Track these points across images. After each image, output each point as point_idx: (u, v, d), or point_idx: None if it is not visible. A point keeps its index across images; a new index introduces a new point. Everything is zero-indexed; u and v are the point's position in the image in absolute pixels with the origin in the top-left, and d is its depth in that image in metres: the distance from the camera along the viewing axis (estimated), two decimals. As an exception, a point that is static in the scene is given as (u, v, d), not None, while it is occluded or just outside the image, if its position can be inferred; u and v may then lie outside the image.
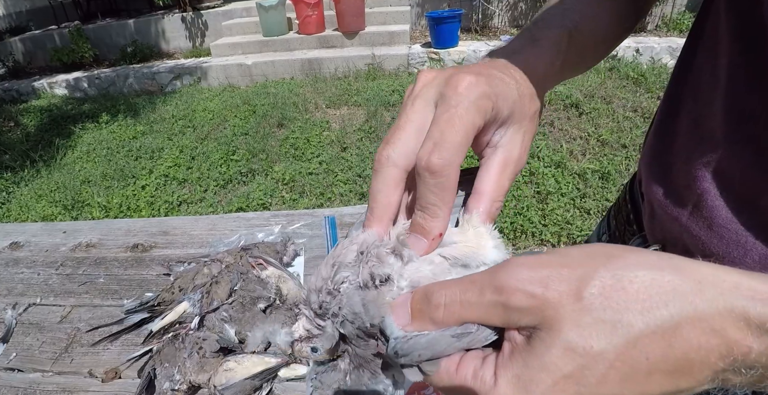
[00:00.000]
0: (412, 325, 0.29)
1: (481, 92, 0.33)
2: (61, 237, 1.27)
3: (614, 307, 0.24)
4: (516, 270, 0.26)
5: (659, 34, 5.40)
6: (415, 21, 6.39)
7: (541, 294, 0.25)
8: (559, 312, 0.24)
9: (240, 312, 0.87)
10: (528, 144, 0.38)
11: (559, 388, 0.24)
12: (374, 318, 0.31)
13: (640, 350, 0.23)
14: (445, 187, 0.32)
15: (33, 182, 3.91)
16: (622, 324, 0.23)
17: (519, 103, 0.36)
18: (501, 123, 0.36)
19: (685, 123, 0.49)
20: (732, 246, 0.44)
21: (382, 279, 0.32)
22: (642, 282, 0.24)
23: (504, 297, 0.26)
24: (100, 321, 0.95)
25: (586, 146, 3.37)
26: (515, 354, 0.26)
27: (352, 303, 0.32)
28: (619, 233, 0.68)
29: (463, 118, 0.32)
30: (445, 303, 0.28)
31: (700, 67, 0.48)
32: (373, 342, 0.33)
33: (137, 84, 6.21)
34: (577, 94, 4.04)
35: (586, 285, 0.24)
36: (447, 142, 0.32)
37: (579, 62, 0.51)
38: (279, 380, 0.81)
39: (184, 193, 3.45)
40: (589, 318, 0.24)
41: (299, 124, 4.27)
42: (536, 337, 0.25)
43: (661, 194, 0.52)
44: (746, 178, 0.41)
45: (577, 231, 2.53)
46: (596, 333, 0.23)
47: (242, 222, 1.22)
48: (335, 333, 0.34)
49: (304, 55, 5.77)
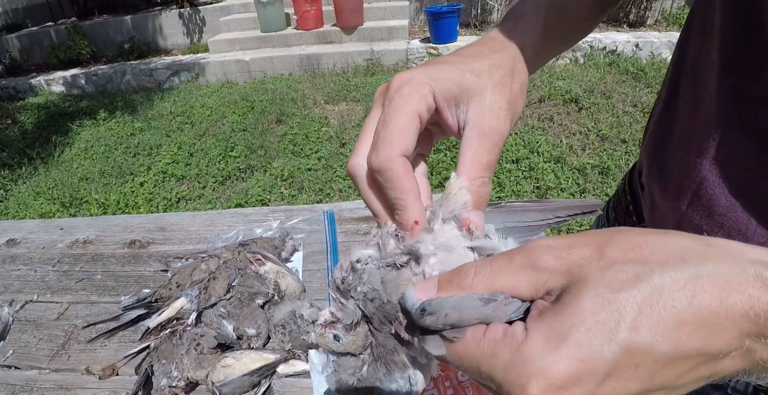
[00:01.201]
0: (437, 295, 0.29)
1: (415, 82, 0.36)
2: (58, 233, 1.26)
3: (634, 261, 0.25)
4: (543, 240, 0.28)
5: (659, 29, 5.37)
6: (414, 16, 6.36)
7: (567, 255, 0.26)
8: (585, 269, 0.25)
9: (238, 308, 0.86)
10: (501, 114, 0.37)
11: (593, 334, 0.24)
12: (392, 295, 0.32)
13: (666, 297, 0.23)
14: (392, 178, 0.34)
15: (30, 179, 3.90)
16: (645, 273, 0.24)
17: (469, 77, 0.37)
18: (457, 101, 0.36)
19: (685, 109, 0.49)
20: (733, 234, 0.43)
21: (404, 262, 0.33)
22: (655, 242, 0.25)
23: (532, 259, 0.27)
24: (98, 317, 0.95)
25: (585, 141, 3.36)
26: (545, 312, 0.26)
27: (373, 280, 0.33)
28: (618, 224, 0.67)
29: (395, 113, 0.35)
30: (475, 271, 0.29)
31: (696, 53, 0.47)
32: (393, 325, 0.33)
33: (135, 81, 6.18)
34: (577, 89, 4.03)
35: (606, 247, 0.26)
36: (381, 140, 0.35)
37: (560, 31, 0.49)
38: (278, 376, 0.80)
39: (182, 189, 3.44)
40: (612, 271, 0.25)
41: (298, 120, 4.26)
42: (566, 293, 0.26)
43: (661, 184, 0.52)
44: (745, 164, 0.41)
45: (576, 227, 2.53)
46: (622, 282, 0.24)
47: (240, 218, 1.22)
48: (357, 310, 0.35)
49: (302, 50, 5.75)
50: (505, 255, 0.29)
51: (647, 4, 5.38)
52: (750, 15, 0.38)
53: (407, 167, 0.35)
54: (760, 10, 0.37)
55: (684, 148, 0.48)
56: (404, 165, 0.34)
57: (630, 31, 5.28)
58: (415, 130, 0.35)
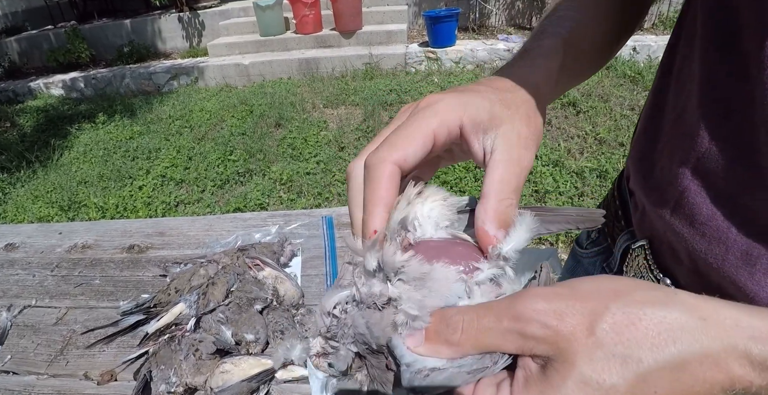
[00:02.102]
0: (424, 347, 0.29)
1: (444, 104, 0.36)
2: (57, 238, 1.26)
3: (625, 343, 0.25)
4: (532, 301, 0.27)
5: (656, 33, 5.40)
6: (413, 20, 6.38)
7: (555, 325, 0.26)
8: (573, 344, 0.26)
9: (237, 314, 0.86)
10: (528, 143, 0.37)
11: None
12: (379, 339, 0.31)
13: (650, 384, 0.24)
14: (374, 180, 0.34)
15: (29, 183, 3.90)
16: (633, 359, 0.25)
17: (499, 108, 0.37)
18: (485, 128, 0.36)
19: (670, 119, 0.49)
20: (714, 243, 0.43)
21: (383, 301, 0.31)
22: (651, 319, 0.25)
23: (520, 326, 0.27)
24: (96, 323, 0.95)
25: (583, 145, 3.37)
26: (530, 383, 0.27)
27: (357, 324, 0.32)
28: (607, 229, 0.67)
29: (411, 126, 0.35)
30: (463, 327, 0.29)
31: (681, 62, 0.48)
32: (383, 358, 0.33)
33: (134, 84, 6.19)
34: (575, 92, 4.04)
35: (598, 320, 0.26)
36: (385, 142, 0.35)
37: (577, 67, 0.50)
38: (276, 382, 0.80)
39: (181, 193, 3.44)
40: (601, 352, 0.25)
41: (297, 123, 4.27)
42: (551, 368, 0.26)
43: (646, 191, 0.52)
44: (727, 173, 0.41)
45: (575, 230, 2.53)
46: (608, 367, 0.25)
47: (239, 223, 1.22)
48: (349, 354, 0.34)
49: (301, 54, 5.76)
50: (493, 311, 0.28)
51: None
52: (728, 24, 0.38)
53: (394, 176, 0.34)
54: (737, 7, 0.37)
55: (668, 156, 0.48)
56: (392, 172, 0.34)
57: (627, 36, 5.30)
58: (423, 146, 0.34)
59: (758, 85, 0.36)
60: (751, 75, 0.37)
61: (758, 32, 0.35)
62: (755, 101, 0.37)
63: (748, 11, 0.36)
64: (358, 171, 0.36)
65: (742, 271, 0.42)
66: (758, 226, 0.40)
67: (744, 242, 0.41)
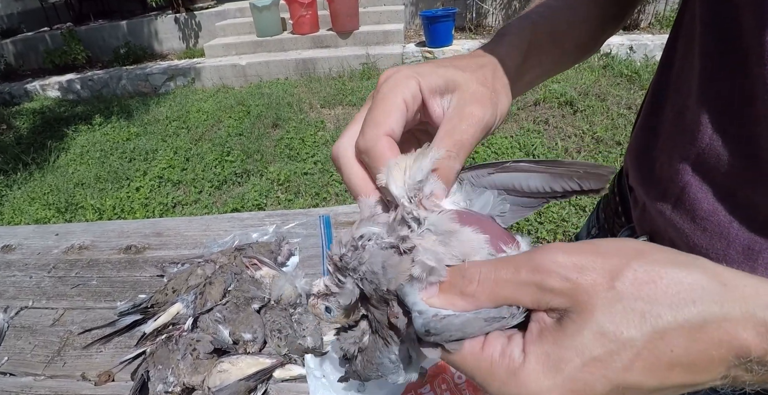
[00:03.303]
0: (438, 298, 0.29)
1: (401, 74, 0.37)
2: (54, 239, 1.26)
3: (645, 298, 0.25)
4: (553, 254, 0.27)
5: (652, 32, 5.42)
6: (410, 20, 6.39)
7: (575, 279, 0.26)
8: (592, 297, 0.25)
9: (234, 313, 0.86)
10: (483, 101, 0.38)
11: (588, 370, 0.25)
12: (391, 283, 0.31)
13: (666, 342, 0.24)
14: (378, 156, 0.35)
15: (26, 185, 3.89)
16: (652, 314, 0.24)
17: (453, 72, 0.38)
18: (442, 92, 0.38)
19: (669, 115, 0.49)
20: (715, 239, 0.44)
21: (408, 246, 0.31)
22: (671, 278, 0.25)
23: (539, 277, 0.26)
24: (93, 323, 0.95)
25: (581, 143, 3.38)
26: (545, 333, 0.26)
27: (373, 261, 0.32)
28: (608, 225, 0.68)
29: (382, 100, 0.36)
30: (480, 278, 0.28)
31: (681, 58, 0.48)
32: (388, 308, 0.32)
33: (130, 85, 6.17)
34: (572, 91, 4.05)
35: (619, 275, 0.25)
36: (367, 123, 0.36)
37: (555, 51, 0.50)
38: (274, 381, 0.80)
39: (178, 194, 3.44)
40: (620, 305, 0.25)
41: (294, 124, 4.26)
42: (567, 319, 0.26)
43: (647, 187, 0.52)
44: (727, 169, 0.41)
45: (573, 229, 2.54)
46: (627, 320, 0.24)
47: (236, 223, 1.22)
48: (355, 290, 0.34)
49: (298, 55, 5.76)
50: (511, 263, 0.28)
51: (641, 7, 5.43)
52: (726, 19, 0.39)
53: (392, 145, 0.35)
54: (737, 4, 0.37)
55: (668, 152, 0.48)
56: (389, 143, 0.35)
57: (624, 34, 5.32)
58: (400, 114, 0.36)
59: (758, 81, 0.36)
60: (751, 71, 0.37)
61: (758, 28, 0.35)
62: (755, 97, 0.37)
63: (747, 7, 0.37)
64: (342, 150, 0.38)
65: (743, 266, 0.42)
66: (759, 221, 0.40)
67: (745, 237, 0.41)
